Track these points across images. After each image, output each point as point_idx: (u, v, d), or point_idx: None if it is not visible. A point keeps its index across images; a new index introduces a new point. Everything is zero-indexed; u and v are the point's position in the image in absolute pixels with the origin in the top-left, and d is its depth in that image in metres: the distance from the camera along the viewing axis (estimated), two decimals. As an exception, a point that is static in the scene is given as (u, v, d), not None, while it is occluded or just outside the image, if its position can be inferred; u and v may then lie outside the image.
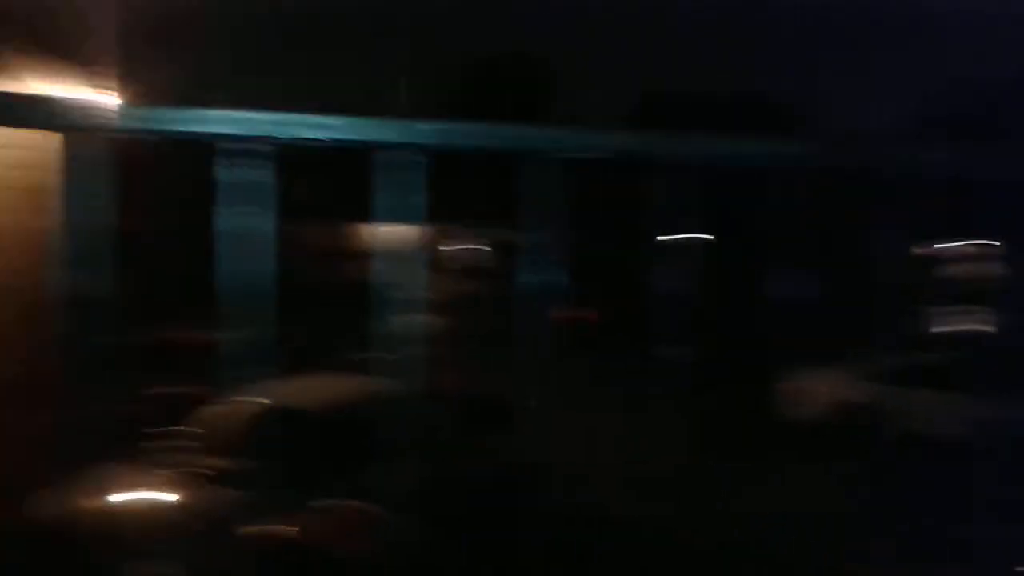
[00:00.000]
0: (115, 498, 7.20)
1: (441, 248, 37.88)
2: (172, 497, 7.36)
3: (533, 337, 1.35)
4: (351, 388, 9.07)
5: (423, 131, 1.21)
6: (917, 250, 19.66)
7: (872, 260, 18.39)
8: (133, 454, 8.19)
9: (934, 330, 14.81)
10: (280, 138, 1.17)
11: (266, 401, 8.18)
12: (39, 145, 9.61)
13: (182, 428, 9.06)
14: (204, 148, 1.25)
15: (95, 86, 8.99)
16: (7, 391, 8.74)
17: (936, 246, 20.53)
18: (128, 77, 9.40)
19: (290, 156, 1.31)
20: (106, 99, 8.87)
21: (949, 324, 14.39)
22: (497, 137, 1.24)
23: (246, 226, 1.21)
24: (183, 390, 11.64)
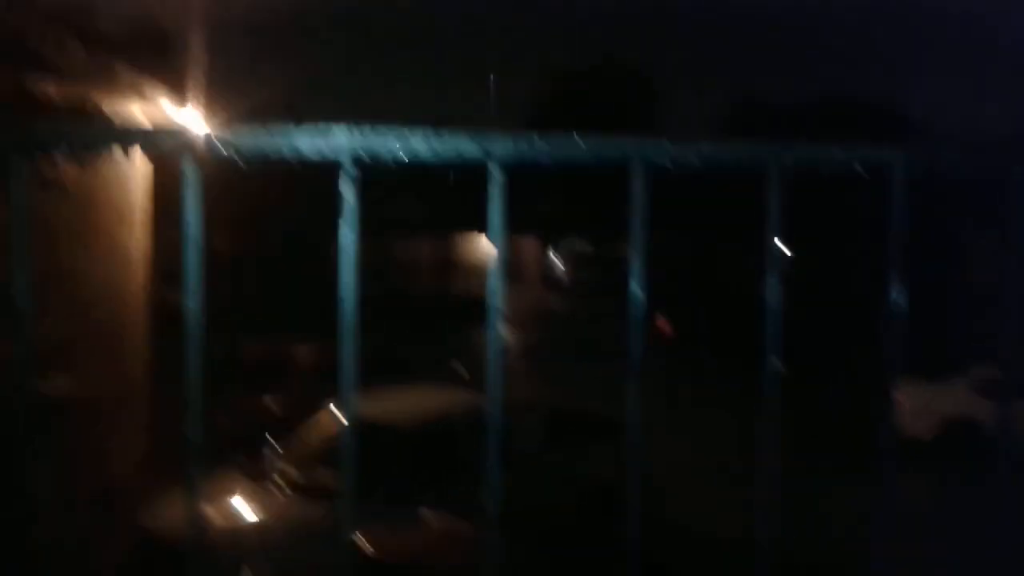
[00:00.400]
0: (214, 509, 7.41)
1: (536, 260, 38.08)
2: (268, 508, 7.55)
3: (628, 348, 1.31)
4: (446, 401, 9.15)
5: (512, 145, 1.19)
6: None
7: (984, 269, 17.67)
8: (231, 467, 8.44)
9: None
10: (378, 154, 1.18)
11: (362, 414, 8.32)
12: (142, 165, 9.99)
13: (278, 440, 9.30)
14: (298, 167, 1.27)
15: (201, 108, 9.34)
16: (109, 403, 9.10)
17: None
18: (232, 100, 9.74)
19: (384, 172, 1.31)
20: (212, 121, 9.19)
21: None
22: (591, 149, 1.22)
23: (343, 241, 1.22)
24: (279, 402, 12.00)
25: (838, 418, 14.09)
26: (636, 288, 1.27)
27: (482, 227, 1.24)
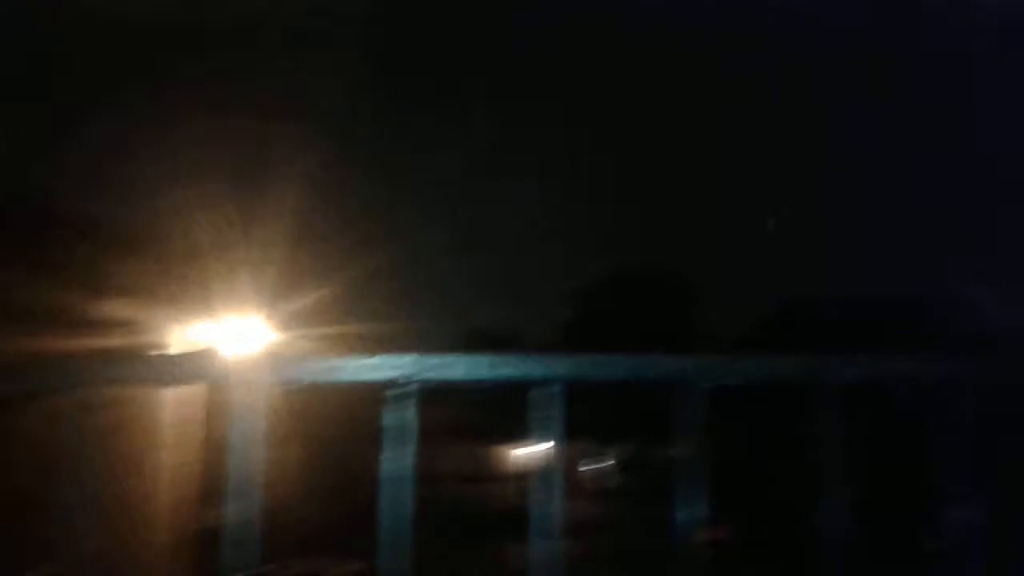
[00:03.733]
0: None
1: (586, 473, 37.26)
2: None
3: (680, 559, 1.27)
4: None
5: (560, 364, 1.21)
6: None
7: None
8: None
9: None
10: (428, 379, 1.20)
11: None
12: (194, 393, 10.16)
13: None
14: (353, 391, 1.29)
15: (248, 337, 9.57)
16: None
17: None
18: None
19: (434, 392, 1.33)
20: (255, 351, 9.40)
21: None
22: (636, 368, 1.23)
23: (393, 460, 1.23)
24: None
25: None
26: (684, 507, 1.23)
27: (542, 440, 1.25)
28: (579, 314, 35.45)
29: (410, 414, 1.21)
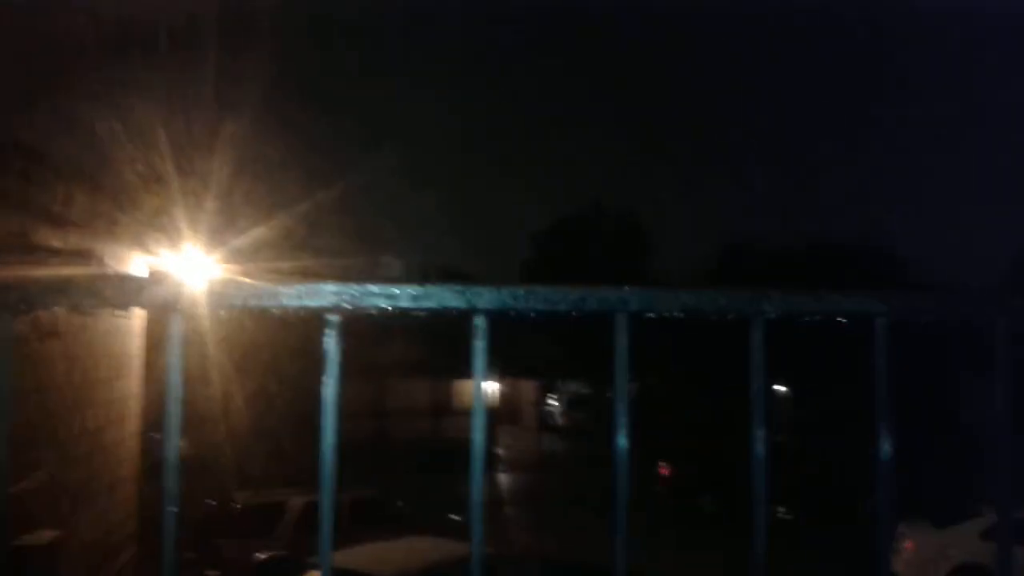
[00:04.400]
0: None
1: (527, 406, 37.87)
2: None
3: (623, 495, 1.30)
4: (437, 551, 8.91)
5: (485, 296, 1.22)
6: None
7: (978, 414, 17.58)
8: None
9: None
10: (359, 306, 1.21)
11: (350, 567, 8.08)
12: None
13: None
14: (285, 319, 1.29)
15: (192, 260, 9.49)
16: (95, 552, 8.85)
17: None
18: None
19: (367, 322, 1.33)
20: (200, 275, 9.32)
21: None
22: (574, 301, 1.24)
23: (330, 391, 1.24)
24: (265, 554, 11.65)
25: (841, 561, 13.70)
26: (622, 439, 1.26)
27: (481, 373, 1.27)
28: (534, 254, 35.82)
29: (334, 344, 1.22)
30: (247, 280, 1.21)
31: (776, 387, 25.58)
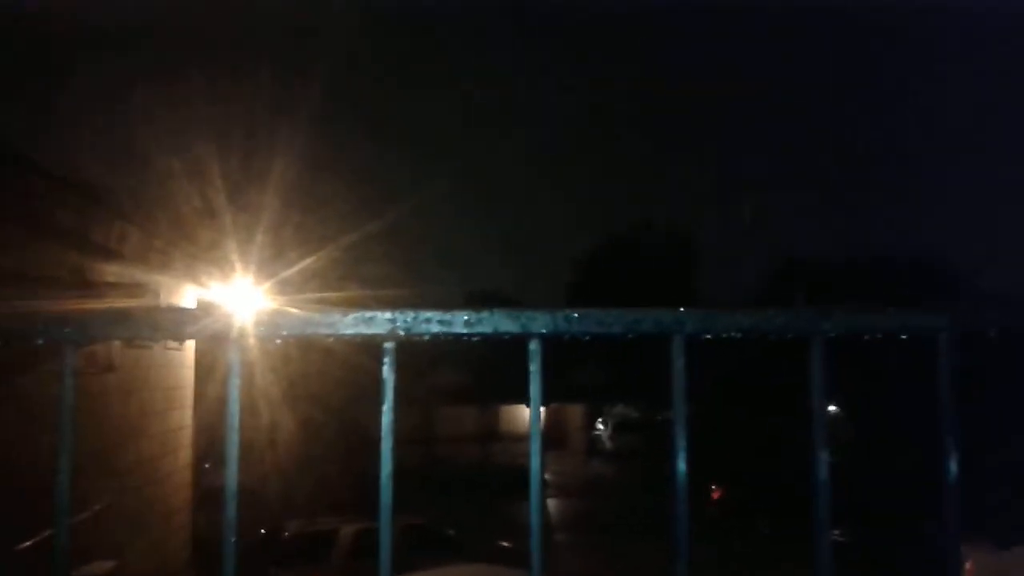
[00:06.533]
0: None
1: (574, 431, 37.64)
2: None
3: (684, 520, 1.27)
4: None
5: (538, 320, 1.21)
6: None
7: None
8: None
9: None
10: (413, 333, 1.21)
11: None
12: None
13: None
14: (348, 346, 1.30)
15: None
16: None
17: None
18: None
19: (421, 347, 1.33)
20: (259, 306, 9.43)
21: None
22: (629, 324, 1.23)
23: (386, 418, 1.23)
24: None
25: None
26: (682, 462, 1.24)
27: (537, 397, 1.27)
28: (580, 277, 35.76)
29: (390, 371, 1.22)
30: (295, 310, 1.22)
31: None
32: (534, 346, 1.20)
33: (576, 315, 1.17)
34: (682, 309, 1.20)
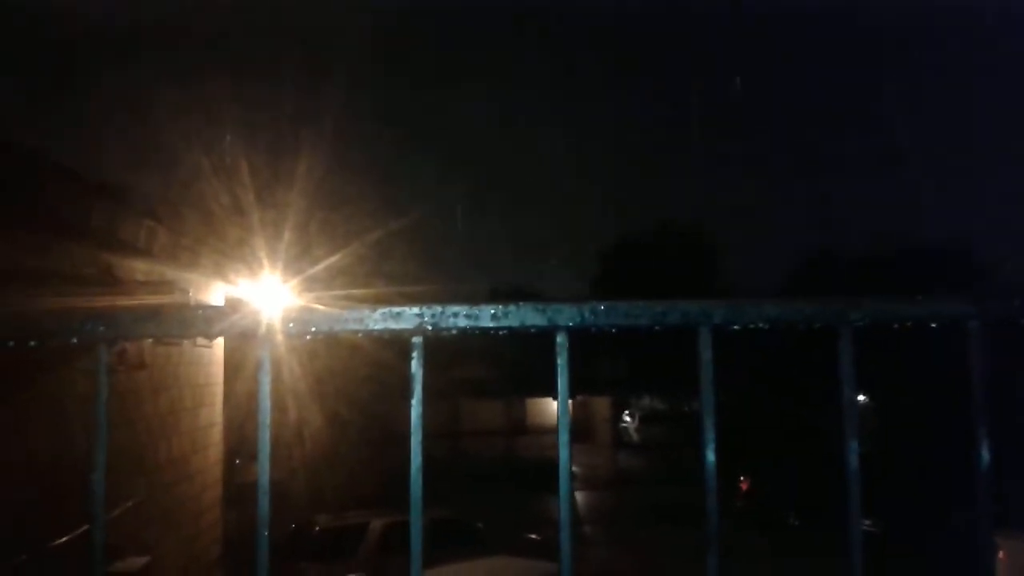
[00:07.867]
0: None
1: (601, 423, 37.61)
2: None
3: (714, 511, 1.27)
4: (521, 572, 8.88)
5: (564, 313, 1.21)
6: None
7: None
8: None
9: None
10: (441, 327, 1.21)
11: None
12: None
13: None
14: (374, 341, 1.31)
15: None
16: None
17: None
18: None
19: (449, 341, 1.34)
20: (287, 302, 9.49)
21: None
22: (656, 316, 1.23)
23: (415, 413, 1.24)
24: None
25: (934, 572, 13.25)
26: (711, 453, 1.24)
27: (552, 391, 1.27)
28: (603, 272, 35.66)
29: (418, 365, 1.23)
30: (323, 307, 1.23)
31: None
32: (561, 339, 1.21)
33: (603, 307, 1.17)
34: (709, 300, 1.20)
